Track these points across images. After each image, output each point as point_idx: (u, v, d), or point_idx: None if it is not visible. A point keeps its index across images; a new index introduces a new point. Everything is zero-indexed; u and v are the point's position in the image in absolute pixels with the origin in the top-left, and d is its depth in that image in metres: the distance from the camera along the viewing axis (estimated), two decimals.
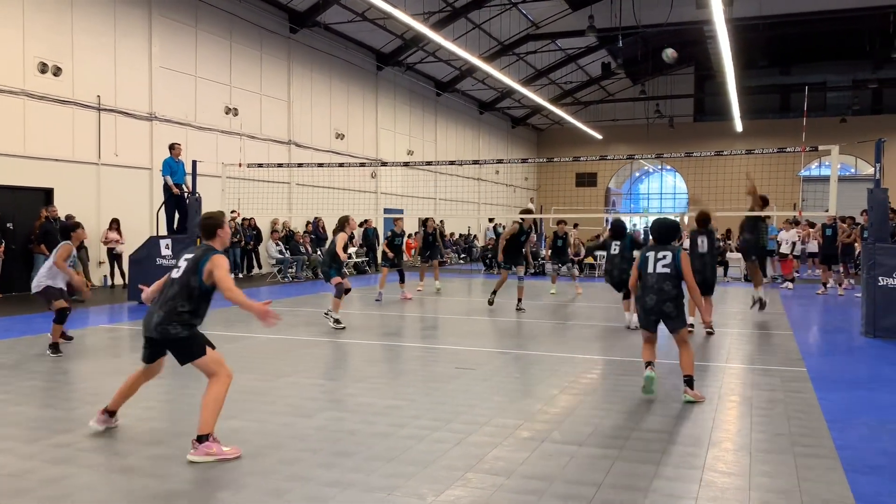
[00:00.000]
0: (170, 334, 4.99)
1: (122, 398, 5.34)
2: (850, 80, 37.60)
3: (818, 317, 13.04)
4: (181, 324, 4.99)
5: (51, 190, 15.45)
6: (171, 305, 4.99)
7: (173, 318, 4.98)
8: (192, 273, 5.04)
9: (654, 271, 6.50)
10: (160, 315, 4.99)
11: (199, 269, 5.02)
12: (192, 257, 5.11)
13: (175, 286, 5.06)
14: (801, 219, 20.67)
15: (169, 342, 5.04)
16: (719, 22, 18.02)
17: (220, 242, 5.24)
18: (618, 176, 46.25)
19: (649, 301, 6.49)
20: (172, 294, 5.02)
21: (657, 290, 6.46)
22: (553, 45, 32.25)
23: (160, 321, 4.98)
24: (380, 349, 9.21)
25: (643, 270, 6.58)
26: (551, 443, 5.09)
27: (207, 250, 5.13)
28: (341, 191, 24.12)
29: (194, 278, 5.03)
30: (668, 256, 6.49)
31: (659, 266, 6.49)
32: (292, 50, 22.98)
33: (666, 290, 6.44)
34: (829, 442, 5.15)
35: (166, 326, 4.98)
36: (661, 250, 6.57)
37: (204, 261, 5.03)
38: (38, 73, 15.18)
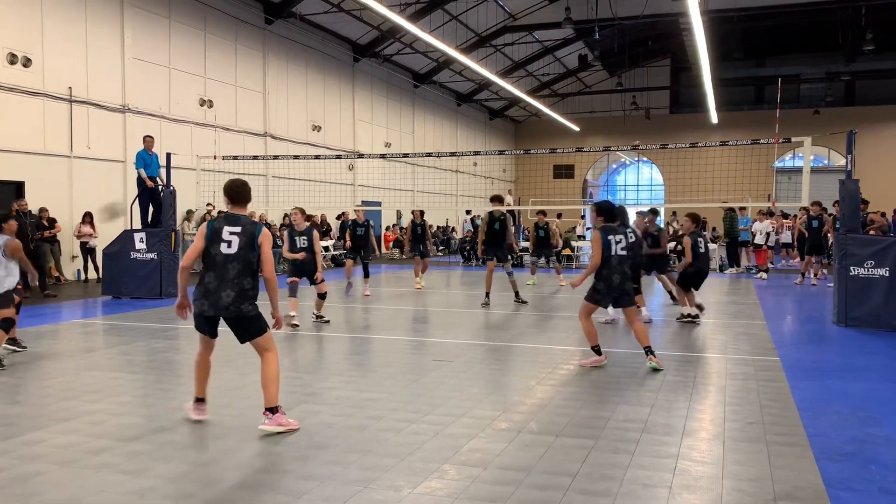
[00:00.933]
0: (242, 313, 5.14)
1: (203, 382, 5.40)
2: (824, 73, 38.02)
3: (791, 306, 13.22)
4: (251, 302, 5.17)
5: (22, 183, 15.20)
6: (240, 284, 5.12)
7: (245, 297, 5.14)
8: (251, 249, 5.15)
9: (616, 253, 7.19)
10: (230, 294, 5.09)
11: (256, 243, 5.15)
12: (241, 231, 5.14)
13: (237, 264, 5.13)
14: (774, 209, 20.90)
15: (240, 320, 5.17)
16: (695, 14, 18.12)
17: (247, 211, 5.36)
18: (595, 167, 46.44)
19: (615, 280, 7.18)
20: (237, 272, 5.12)
21: (621, 271, 7.20)
22: (530, 37, 32.26)
23: (233, 301, 5.09)
24: (358, 342, 9.20)
25: (608, 252, 7.17)
26: (528, 433, 5.12)
27: (255, 223, 5.24)
28: (318, 183, 23.98)
29: (253, 254, 5.16)
30: (623, 240, 7.23)
31: (618, 249, 7.19)
32: (268, 41, 22.78)
33: (626, 271, 7.26)
34: (801, 430, 5.23)
35: (239, 306, 5.12)
36: (618, 233, 7.27)
37: (258, 233, 5.17)
38: (7, 65, 14.91)
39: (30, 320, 10.50)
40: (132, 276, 13.34)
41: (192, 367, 5.44)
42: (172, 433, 5.10)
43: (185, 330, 9.83)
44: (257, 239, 5.16)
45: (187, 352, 8.29)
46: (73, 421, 5.38)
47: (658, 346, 8.75)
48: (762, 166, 33.01)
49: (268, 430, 5.03)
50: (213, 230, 5.20)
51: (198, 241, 5.24)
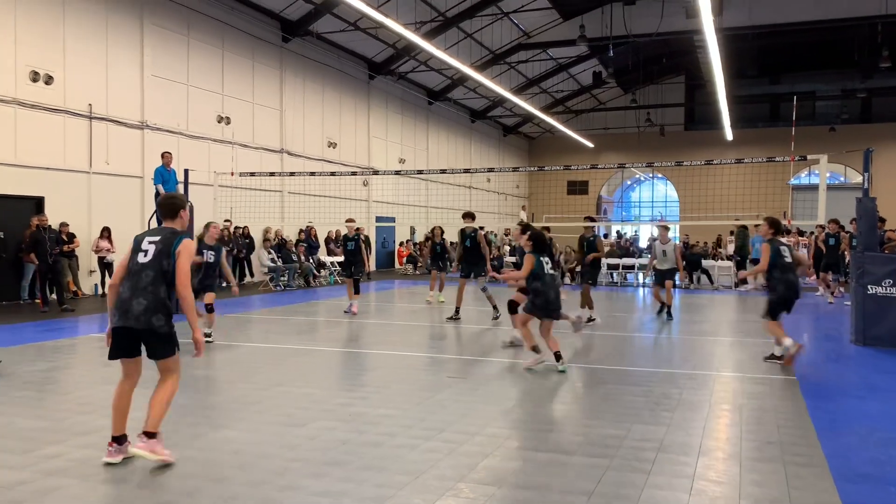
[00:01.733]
0: (153, 326, 4.75)
1: (121, 418, 4.93)
2: (839, 90, 37.89)
3: (808, 325, 13.11)
4: (165, 315, 4.81)
5: (42, 199, 15.40)
6: (153, 293, 4.76)
7: (158, 307, 4.77)
8: (166, 257, 4.84)
9: (547, 272, 8.29)
10: (142, 303, 4.73)
11: (173, 252, 4.85)
12: (158, 239, 4.90)
13: (150, 272, 4.80)
14: (790, 227, 20.78)
15: (150, 333, 4.78)
16: (709, 32, 18.16)
17: (181, 224, 5.09)
18: (609, 184, 46.41)
19: (552, 295, 8.25)
20: (150, 280, 4.78)
21: (555, 287, 8.36)
22: (544, 55, 32.41)
23: (143, 310, 4.72)
24: (371, 358, 9.21)
25: (541, 272, 8.26)
26: (543, 452, 5.11)
27: (177, 233, 4.98)
28: (333, 199, 24.14)
29: (168, 262, 4.84)
30: (549, 262, 8.41)
31: (548, 269, 8.34)
32: (285, 59, 23.01)
33: (559, 289, 8.46)
34: (819, 450, 5.18)
35: (150, 318, 4.74)
36: (546, 256, 8.42)
37: (177, 244, 4.88)
38: (29, 82, 15.15)
39: (48, 334, 10.61)
40: None
41: (202, 381, 5.39)
42: (188, 449, 5.13)
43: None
44: (174, 248, 4.85)
45: (201, 367, 8.34)
46: (91, 435, 5.43)
47: (672, 363, 8.72)
48: (777, 183, 32.83)
49: (139, 453, 4.71)
50: (136, 242, 4.98)
51: (125, 255, 5.01)
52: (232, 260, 19.89)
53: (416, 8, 23.50)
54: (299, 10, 22.20)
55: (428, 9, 24.19)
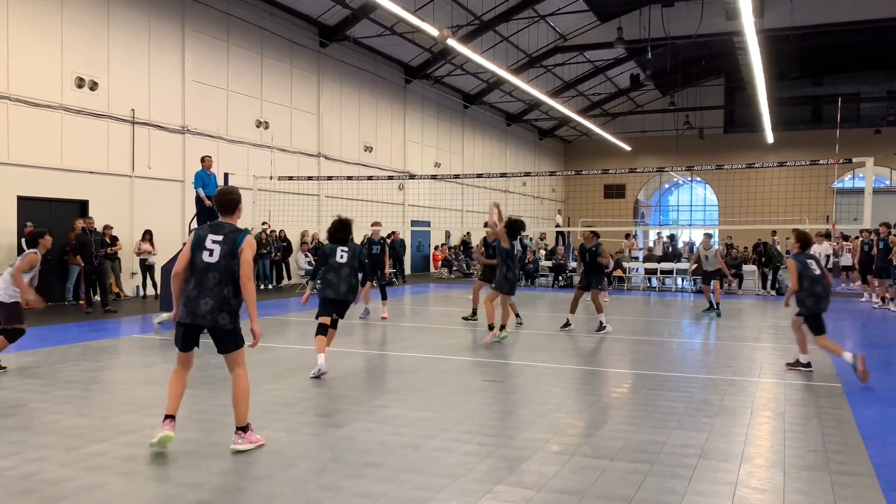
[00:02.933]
0: (218, 324, 5.06)
1: (175, 399, 5.22)
2: (885, 91, 37.05)
3: (853, 331, 12.81)
4: (230, 313, 5.08)
5: (86, 202, 15.76)
6: (219, 293, 5.02)
7: (224, 307, 5.05)
8: (231, 257, 5.04)
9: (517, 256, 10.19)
10: (209, 303, 5.01)
11: (237, 251, 5.04)
12: (222, 239, 5.06)
13: (216, 272, 5.04)
14: (834, 231, 20.37)
15: (216, 331, 5.10)
16: (750, 33, 17.89)
17: (238, 219, 5.27)
18: (647, 188, 45.95)
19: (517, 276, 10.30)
20: (216, 281, 5.03)
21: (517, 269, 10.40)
22: (581, 57, 32.23)
23: (210, 310, 5.01)
24: (407, 361, 9.23)
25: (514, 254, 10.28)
26: (582, 457, 5.07)
27: (239, 230, 5.15)
28: (369, 203, 24.27)
29: (234, 262, 5.04)
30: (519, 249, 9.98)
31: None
32: (322, 64, 23.24)
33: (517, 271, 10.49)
34: (866, 459, 5.06)
35: (216, 316, 5.03)
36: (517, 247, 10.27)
37: (240, 242, 5.05)
38: (74, 88, 15.52)
39: (91, 335, 10.85)
40: None
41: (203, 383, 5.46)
42: (227, 448, 5.19)
43: None
44: (238, 247, 5.04)
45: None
46: (135, 434, 5.52)
47: (712, 369, 8.58)
48: (821, 187, 32.15)
49: (240, 448, 5.05)
50: (198, 237, 5.14)
51: (186, 248, 5.21)
52: (270, 263, 20.13)
53: (453, 12, 23.56)
54: (336, 16, 22.40)
55: (464, 12, 24.23)
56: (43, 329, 11.50)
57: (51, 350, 9.40)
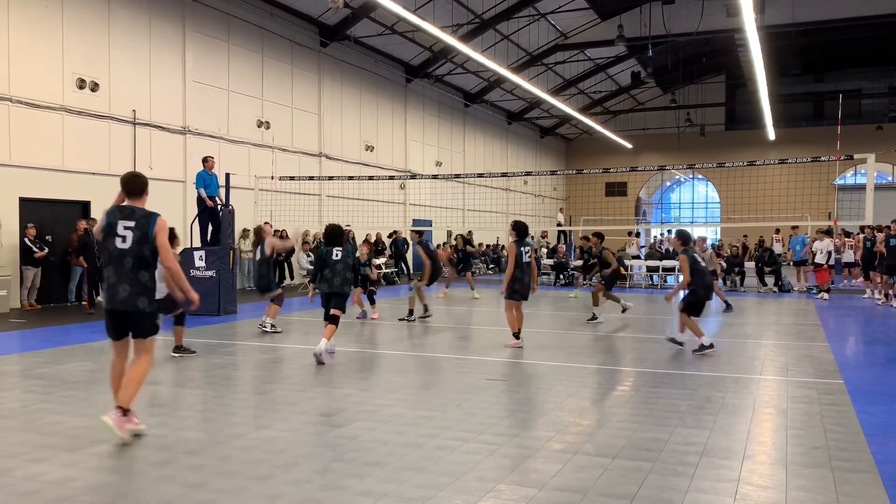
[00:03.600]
0: (138, 308, 5.16)
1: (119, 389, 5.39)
2: (886, 87, 37.01)
3: (855, 328, 12.81)
4: (148, 297, 5.18)
5: (87, 203, 15.77)
6: (136, 278, 5.13)
7: (142, 291, 5.16)
8: (144, 242, 5.14)
9: (525, 260, 9.66)
10: (126, 289, 5.11)
11: (150, 236, 5.13)
12: (134, 225, 5.15)
13: (130, 258, 5.13)
14: (835, 228, 20.33)
15: (134, 315, 5.19)
16: (750, 30, 17.87)
17: (145, 202, 5.37)
18: (648, 185, 45.93)
19: (526, 280, 9.68)
20: (131, 266, 5.13)
21: (529, 274, 9.69)
22: (582, 55, 32.21)
23: (129, 295, 5.12)
24: (409, 360, 9.24)
25: (520, 259, 9.61)
26: (584, 455, 5.07)
27: (150, 214, 5.22)
28: (371, 202, 24.28)
29: (146, 247, 5.14)
30: (528, 250, 9.73)
31: (526, 256, 9.68)
32: (323, 63, 23.24)
33: (530, 273, 9.76)
34: (868, 456, 5.06)
35: (135, 301, 5.14)
36: (526, 245, 9.76)
37: (152, 226, 5.14)
38: (76, 89, 15.54)
39: (95, 335, 10.85)
40: None
41: (243, 382, 5.51)
42: (230, 447, 5.21)
43: (243, 346, 10.04)
44: (151, 231, 5.13)
45: (245, 367, 8.47)
46: (138, 434, 5.52)
47: (714, 366, 8.58)
48: (822, 184, 32.17)
49: (107, 422, 5.09)
50: (108, 224, 5.20)
51: (99, 228, 5.32)
52: (273, 263, 20.14)
53: (453, 11, 23.55)
54: (337, 15, 22.40)
55: (464, 11, 24.22)
56: (46, 330, 11.53)
57: (54, 351, 9.42)
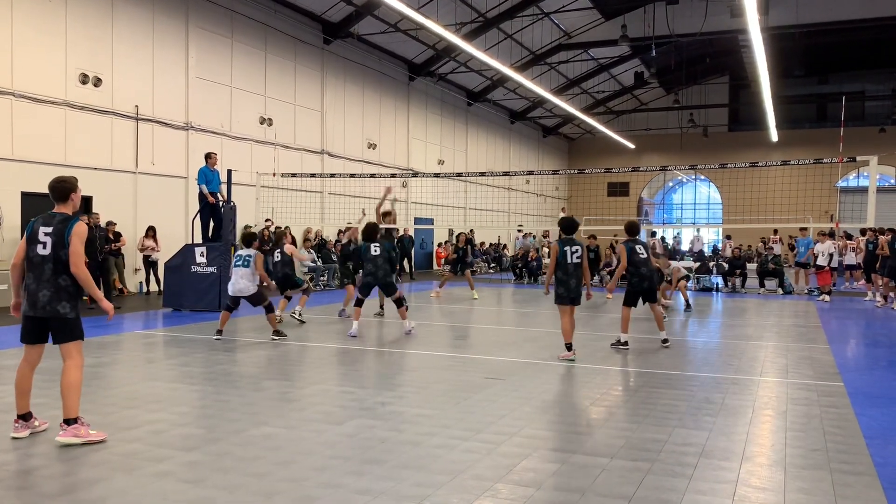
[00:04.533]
0: (59, 314, 5.14)
1: (25, 398, 5.33)
2: (890, 90, 36.92)
3: (856, 330, 12.79)
4: (70, 301, 5.17)
5: (90, 198, 15.77)
6: (56, 283, 5.12)
7: (62, 295, 5.13)
8: (61, 247, 5.13)
9: (571, 261, 8.66)
10: (46, 294, 5.11)
11: (67, 240, 5.13)
12: (52, 231, 5.15)
13: (50, 264, 5.13)
14: (837, 230, 20.29)
15: (55, 321, 5.17)
16: (754, 31, 17.83)
17: (72, 207, 5.32)
18: (650, 186, 45.89)
19: (572, 283, 8.67)
20: (52, 272, 5.13)
21: (576, 276, 8.68)
22: (585, 55, 32.18)
23: (49, 300, 5.10)
24: (409, 358, 9.24)
25: (563, 260, 8.67)
26: (582, 455, 5.07)
27: (69, 219, 5.20)
28: (373, 200, 24.25)
29: (64, 252, 5.13)
30: (578, 250, 8.72)
31: (573, 257, 8.66)
32: (326, 61, 23.23)
33: (579, 275, 8.70)
34: (868, 459, 5.04)
35: (56, 306, 5.12)
36: (574, 244, 8.75)
37: (68, 231, 5.13)
38: (79, 84, 15.55)
39: (94, 331, 10.85)
40: (192, 289, 13.67)
41: (242, 379, 5.50)
42: (229, 444, 5.20)
43: (242, 343, 10.04)
44: (67, 236, 5.12)
45: (245, 364, 8.47)
46: (136, 430, 5.53)
47: (714, 367, 8.57)
48: (825, 185, 32.14)
49: (64, 440, 5.04)
50: (31, 231, 5.23)
51: (22, 240, 5.31)
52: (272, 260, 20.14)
53: (457, 9, 23.54)
54: (341, 13, 22.40)
55: (468, 10, 24.21)
56: None
57: (52, 345, 9.40)
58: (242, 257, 10.16)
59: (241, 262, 10.12)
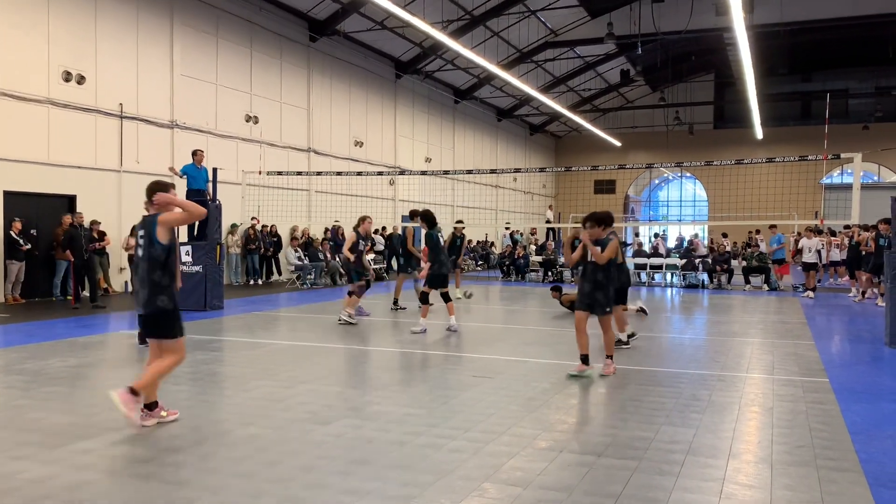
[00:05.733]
0: (157, 307, 5.49)
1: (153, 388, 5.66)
2: (873, 87, 37.26)
3: (840, 327, 12.88)
4: (167, 296, 5.52)
5: (74, 197, 15.64)
6: (151, 281, 5.49)
7: (158, 291, 5.49)
8: (151, 245, 5.48)
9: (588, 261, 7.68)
10: (145, 292, 5.51)
11: (153, 236, 5.48)
12: (143, 233, 5.58)
13: (144, 263, 5.54)
14: (822, 227, 20.43)
15: (156, 315, 5.51)
16: (739, 29, 17.92)
17: (157, 208, 5.62)
18: (637, 183, 46.05)
19: (586, 288, 7.64)
20: (146, 270, 5.52)
21: (592, 280, 7.58)
22: (572, 53, 32.23)
23: (147, 298, 5.50)
24: (397, 356, 9.21)
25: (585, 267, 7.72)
26: (569, 453, 5.06)
27: (152, 216, 5.58)
28: (360, 197, 24.22)
29: (153, 248, 5.48)
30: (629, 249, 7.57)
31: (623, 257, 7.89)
32: (312, 58, 23.13)
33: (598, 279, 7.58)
34: (853, 455, 5.07)
35: (155, 301, 5.48)
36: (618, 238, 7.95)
37: (154, 227, 5.49)
38: (62, 82, 15.39)
39: (79, 331, 10.77)
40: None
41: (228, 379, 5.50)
42: (215, 445, 5.16)
43: (229, 342, 9.98)
44: (154, 231, 5.46)
45: (231, 364, 8.42)
46: (120, 431, 5.48)
47: (700, 364, 8.60)
48: (809, 182, 32.38)
49: (113, 397, 5.31)
50: (134, 234, 5.63)
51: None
52: (258, 259, 20.06)
53: (443, 6, 23.49)
54: (327, 10, 22.30)
55: (455, 7, 24.17)
56: (30, 325, 11.42)
57: (37, 346, 9.33)
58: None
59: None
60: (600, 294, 7.55)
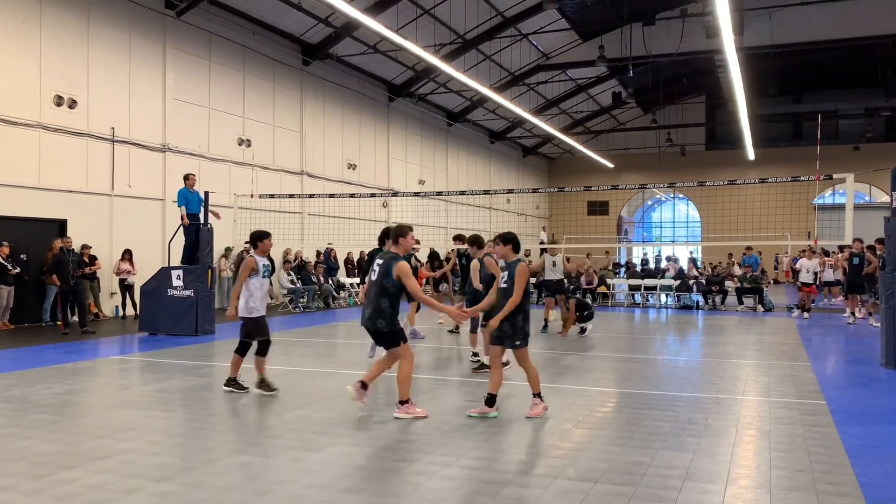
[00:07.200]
0: (376, 328, 6.60)
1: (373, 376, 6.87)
2: (863, 108, 37.54)
3: (836, 347, 12.83)
4: (385, 319, 6.55)
5: (64, 221, 15.53)
6: (376, 303, 6.57)
7: (379, 315, 6.55)
8: (385, 276, 6.56)
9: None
10: (368, 311, 6.63)
11: (389, 272, 6.53)
12: (382, 263, 6.62)
13: (375, 287, 6.63)
14: (816, 247, 20.43)
15: (375, 333, 6.69)
16: (730, 51, 18.04)
17: (403, 249, 6.74)
18: (630, 204, 46.15)
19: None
20: (374, 294, 6.62)
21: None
22: (564, 76, 32.42)
23: (370, 316, 6.60)
24: (389, 382, 9.09)
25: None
26: (565, 479, 4.97)
27: (393, 257, 6.61)
28: (353, 220, 24.17)
29: (387, 280, 6.54)
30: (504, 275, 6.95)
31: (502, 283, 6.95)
32: (305, 82, 23.19)
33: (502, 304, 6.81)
34: (853, 479, 4.99)
35: (374, 321, 6.56)
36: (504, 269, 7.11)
37: (391, 266, 6.52)
38: (53, 106, 15.35)
39: (68, 356, 10.63)
40: (169, 313, 13.45)
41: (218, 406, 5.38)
42: (202, 474, 5.05)
43: (219, 367, 9.86)
44: (391, 269, 6.54)
45: (220, 390, 8.29)
46: (107, 460, 5.36)
47: (697, 387, 8.52)
48: (801, 203, 32.44)
49: (400, 416, 6.61)
50: (370, 260, 7.22)
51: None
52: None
53: (436, 30, 23.63)
54: (319, 34, 22.40)
55: (447, 31, 24.31)
56: (18, 351, 11.27)
57: (24, 373, 9.19)
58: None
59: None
60: (506, 325, 6.72)
